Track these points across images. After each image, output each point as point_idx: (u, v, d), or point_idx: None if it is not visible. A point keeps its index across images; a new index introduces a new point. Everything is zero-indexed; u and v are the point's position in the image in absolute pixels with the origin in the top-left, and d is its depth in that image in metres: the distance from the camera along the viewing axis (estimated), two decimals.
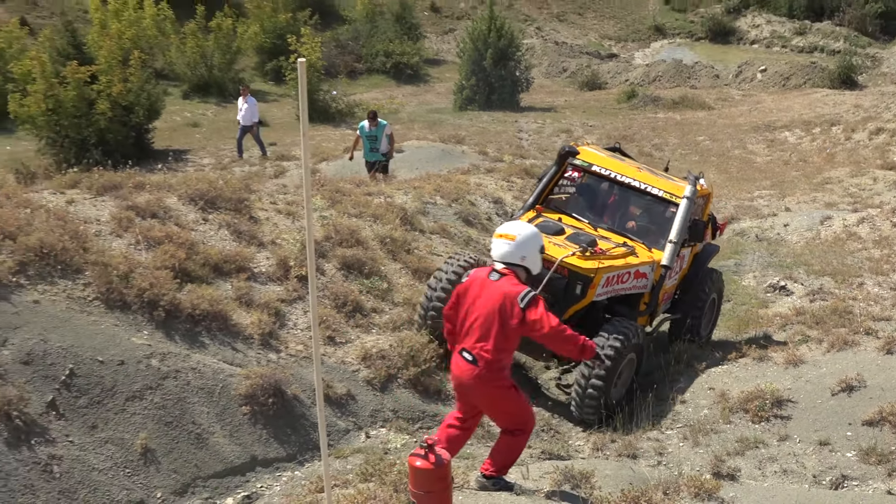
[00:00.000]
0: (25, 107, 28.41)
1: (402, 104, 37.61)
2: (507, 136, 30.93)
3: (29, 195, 14.74)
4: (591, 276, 12.37)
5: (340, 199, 17.48)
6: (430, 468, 6.67)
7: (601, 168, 14.15)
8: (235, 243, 14.56)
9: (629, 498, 8.49)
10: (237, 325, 12.83)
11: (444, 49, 44.83)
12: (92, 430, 10.93)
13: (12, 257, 12.33)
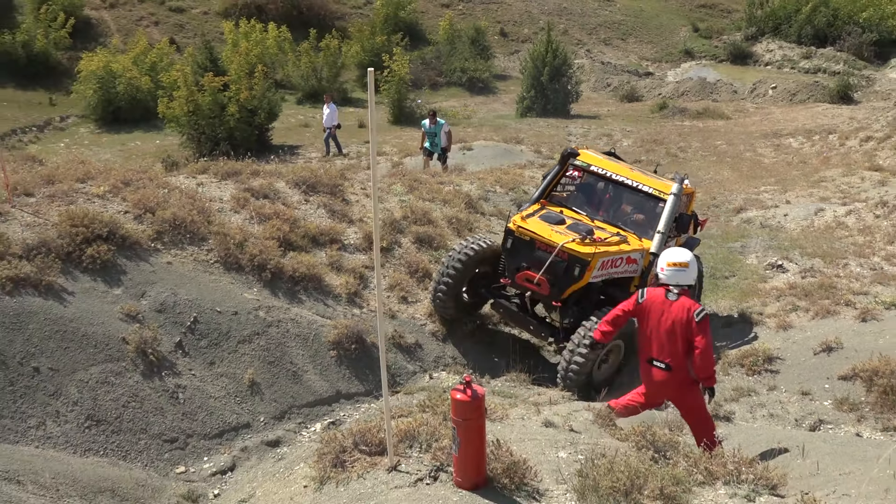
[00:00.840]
0: (171, 109, 28.83)
1: (473, 111, 37.48)
2: (559, 138, 30.69)
3: (168, 179, 14.98)
4: (588, 259, 11.83)
5: (417, 187, 17.50)
6: (468, 400, 6.71)
7: (598, 168, 13.51)
8: (330, 220, 14.67)
9: (638, 432, 8.44)
10: (329, 286, 12.95)
11: (509, 66, 44.49)
12: (210, 366, 11.11)
13: (152, 227, 12.57)
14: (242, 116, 28.65)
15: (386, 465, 7.51)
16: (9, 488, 8.18)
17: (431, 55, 42.34)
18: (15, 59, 35.69)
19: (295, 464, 9.09)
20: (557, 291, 12.02)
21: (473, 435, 6.86)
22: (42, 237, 11.60)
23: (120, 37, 39.23)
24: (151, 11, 41.92)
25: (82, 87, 33.82)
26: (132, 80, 33.28)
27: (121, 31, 39.97)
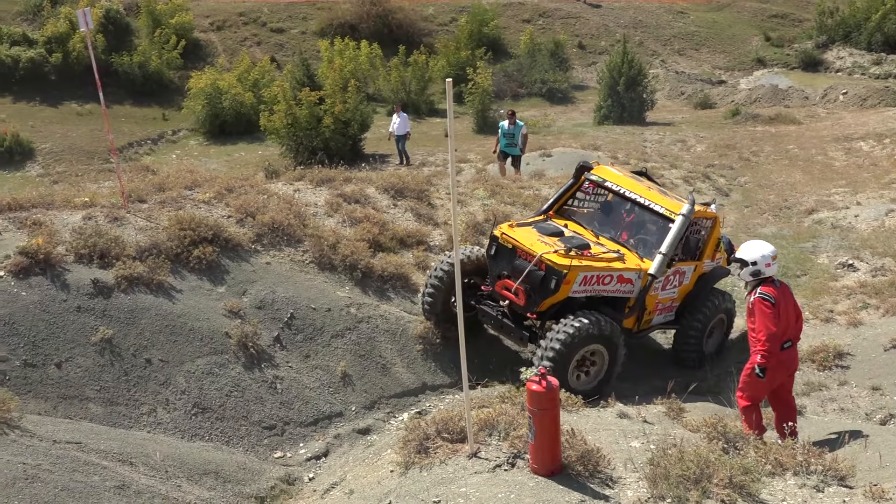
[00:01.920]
0: (272, 122, 29.30)
1: (553, 120, 37.25)
2: (634, 145, 30.28)
3: (267, 186, 15.23)
4: (564, 271, 10.70)
5: (499, 191, 17.47)
6: (543, 391, 6.66)
7: (612, 184, 12.34)
8: (416, 223, 14.74)
9: (709, 423, 8.27)
10: (415, 284, 12.99)
11: (587, 77, 44.08)
12: (305, 359, 11.25)
13: (252, 230, 12.79)
14: (337, 128, 28.94)
15: (466, 451, 7.50)
16: (123, 469, 8.40)
17: (513, 67, 42.17)
18: (132, 79, 36.69)
19: (383, 450, 9.15)
20: (533, 303, 11.01)
21: (549, 424, 6.82)
22: (153, 240, 11.90)
23: (226, 56, 40.02)
24: (254, 33, 42.65)
25: (192, 103, 34.61)
26: (237, 95, 33.91)
27: (227, 52, 40.76)
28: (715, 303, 12.50)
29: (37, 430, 8.59)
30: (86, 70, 35.21)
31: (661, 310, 12.20)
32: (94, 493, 7.58)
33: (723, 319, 12.87)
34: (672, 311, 12.42)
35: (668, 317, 12.47)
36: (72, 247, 11.38)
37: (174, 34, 38.53)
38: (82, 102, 35.13)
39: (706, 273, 12.61)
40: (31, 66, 35.89)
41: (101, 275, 11.12)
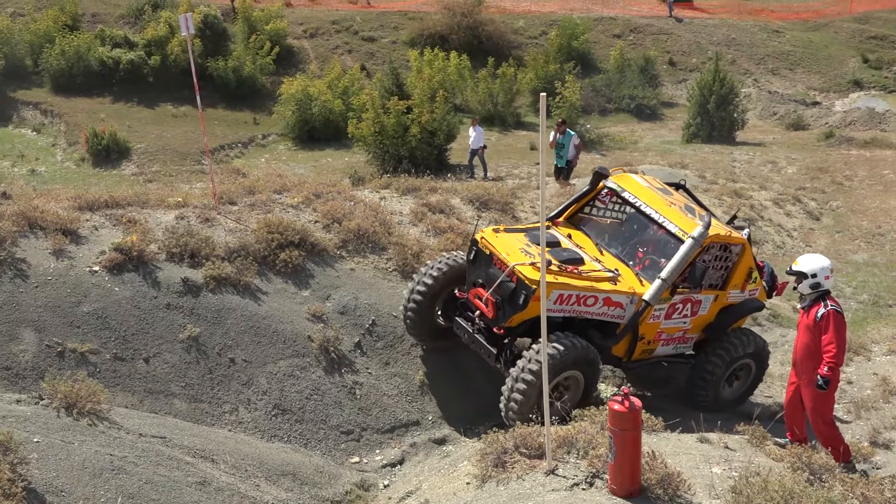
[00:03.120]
0: (360, 129, 29.61)
1: (640, 136, 36.90)
2: (723, 164, 29.77)
3: (354, 192, 15.39)
4: (532, 287, 9.71)
5: None
6: (625, 411, 6.59)
7: (630, 194, 11.25)
8: None
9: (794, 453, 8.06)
10: None
11: (676, 94, 43.54)
12: (385, 366, 11.32)
13: (338, 236, 12.93)
14: (423, 137, 29.10)
15: (544, 468, 7.44)
16: (205, 465, 8.56)
17: (601, 83, 41.90)
18: (226, 83, 37.51)
19: (459, 461, 9.13)
20: (502, 317, 10.10)
21: (629, 445, 6.73)
22: (242, 241, 12.12)
23: (317, 63, 40.64)
24: (346, 41, 43.22)
25: (283, 108, 35.21)
26: (326, 102, 34.37)
27: (318, 59, 41.39)
28: (740, 343, 11.20)
29: (124, 423, 8.81)
30: (182, 73, 36.17)
31: (668, 340, 11.06)
32: (176, 487, 7.74)
33: (750, 366, 11.47)
34: (687, 342, 11.30)
35: (681, 348, 11.35)
36: (164, 245, 11.66)
37: (268, 40, 39.25)
38: (177, 104, 36.03)
39: (731, 305, 11.32)
40: (130, 67, 36.97)
41: (190, 274, 11.37)
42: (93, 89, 36.12)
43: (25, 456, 6.96)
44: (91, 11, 40.83)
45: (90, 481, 7.17)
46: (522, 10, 48.15)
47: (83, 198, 13.00)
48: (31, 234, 11.41)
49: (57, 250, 11.17)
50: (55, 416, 8.05)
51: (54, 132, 33.28)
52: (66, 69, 35.93)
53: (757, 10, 51.80)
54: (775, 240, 20.13)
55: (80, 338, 10.36)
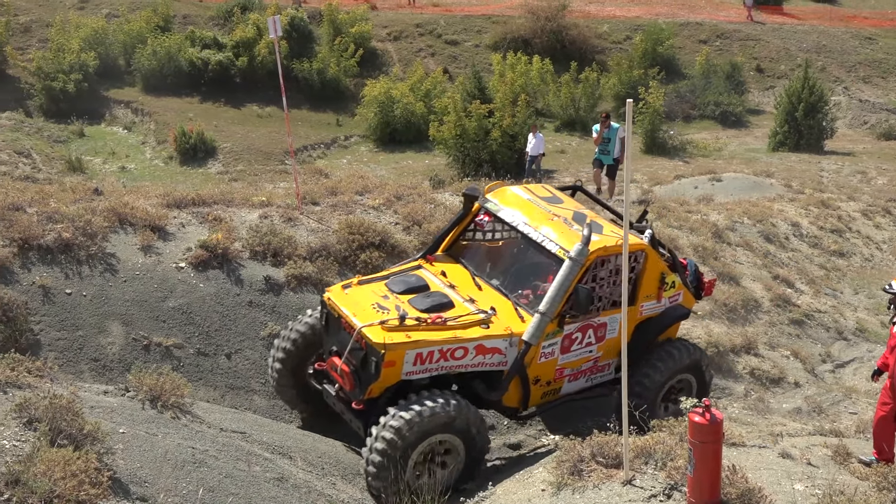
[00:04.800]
0: (441, 132, 29.78)
1: (725, 143, 36.27)
2: (810, 174, 29.09)
3: (434, 195, 15.44)
4: (380, 350, 8.51)
5: (665, 214, 17.13)
6: (706, 424, 6.48)
7: (507, 212, 9.94)
8: None
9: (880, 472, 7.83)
10: None
11: (763, 102, 42.64)
12: None
13: (418, 238, 13.00)
14: (504, 141, 29.09)
15: (621, 478, 7.36)
16: (282, 462, 8.68)
17: (686, 88, 41.27)
18: (311, 84, 38.02)
19: (534, 468, 9.09)
20: (359, 388, 8.85)
21: (710, 458, 6.62)
22: (324, 241, 12.27)
23: (400, 66, 40.91)
24: (429, 44, 43.43)
25: (365, 110, 35.55)
26: (408, 105, 34.57)
27: (401, 61, 41.67)
28: (669, 357, 10.00)
29: (206, 417, 8.98)
30: (268, 74, 36.79)
31: (575, 375, 9.84)
32: (254, 482, 7.86)
33: (689, 382, 10.32)
34: (603, 371, 10.12)
35: (598, 378, 10.13)
36: (248, 243, 11.87)
37: (353, 43, 39.67)
38: (263, 105, 36.65)
39: (650, 319, 10.07)
40: (218, 68, 37.73)
41: (272, 272, 11.55)
42: (182, 89, 36.97)
43: (112, 446, 7.15)
44: (182, 13, 41.79)
45: (172, 473, 7.33)
46: (607, 14, 47.74)
47: (171, 195, 13.32)
48: (120, 229, 11.72)
49: (145, 246, 11.46)
50: (140, 408, 8.25)
51: (144, 130, 34.15)
52: (157, 69, 36.83)
53: (849, 16, 50.48)
54: (864, 252, 19.56)
55: (166, 332, 10.61)
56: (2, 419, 6.89)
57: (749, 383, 12.34)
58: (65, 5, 40.69)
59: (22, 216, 11.24)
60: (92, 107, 35.32)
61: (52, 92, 34.71)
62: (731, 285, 14.93)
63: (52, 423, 6.84)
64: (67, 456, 6.54)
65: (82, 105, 34.94)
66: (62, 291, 10.61)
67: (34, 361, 8.41)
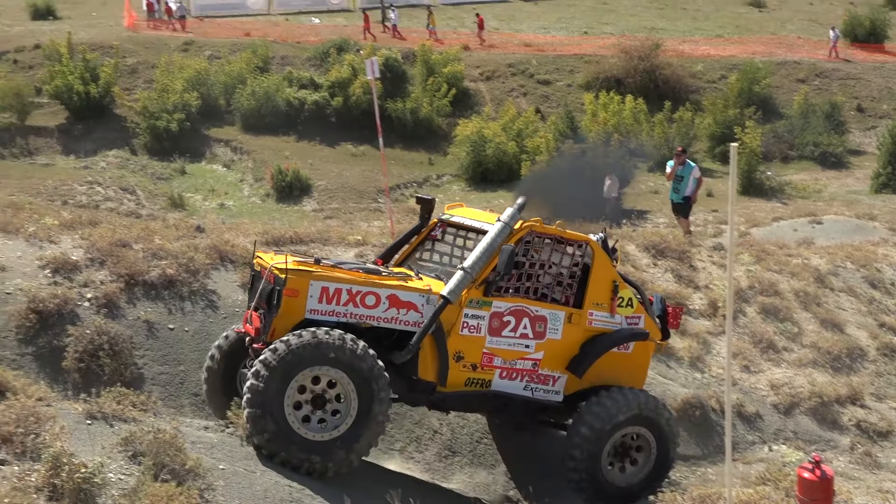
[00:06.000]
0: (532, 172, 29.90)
1: (824, 185, 35.43)
2: None
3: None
4: (282, 276, 8.21)
5: (764, 258, 16.69)
6: (816, 480, 6.24)
7: (464, 220, 9.59)
8: (676, 284, 14.36)
9: None
10: (671, 348, 12.61)
11: (864, 142, 41.55)
12: None
13: None
14: None
15: None
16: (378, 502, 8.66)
17: (784, 128, 40.52)
18: (404, 123, 38.58)
19: None
20: (264, 329, 8.45)
21: None
22: None
23: (492, 106, 41.19)
24: (521, 84, 43.65)
25: (457, 149, 35.89)
26: (500, 144, 34.77)
27: (493, 101, 41.94)
28: (613, 403, 8.98)
29: None
30: (362, 113, 37.43)
31: (510, 371, 9.02)
32: None
33: (646, 439, 9.24)
34: (546, 383, 9.20)
35: (542, 392, 9.20)
36: None
37: (445, 82, 40.13)
38: (357, 144, 37.29)
39: (602, 334, 9.22)
40: (314, 108, 38.64)
41: None
42: (279, 128, 37.91)
43: (212, 482, 7.25)
44: (281, 54, 42.90)
45: None
46: (701, 53, 47.27)
47: (269, 233, 13.58)
48: (221, 266, 11.97)
49: (245, 283, 11.66)
50: (239, 444, 8.35)
51: (242, 168, 35.07)
52: (256, 109, 37.87)
53: None
54: None
55: None
56: (108, 452, 7.05)
57: (855, 436, 11.89)
58: (169, 47, 42.18)
59: (128, 252, 11.57)
60: (193, 145, 36.48)
61: (156, 131, 35.98)
62: (835, 332, 14.44)
63: (156, 457, 6.98)
64: (170, 491, 6.66)
65: (184, 143, 36.14)
66: (165, 326, 10.86)
67: (138, 395, 8.60)
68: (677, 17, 55.51)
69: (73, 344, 10.01)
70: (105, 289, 10.81)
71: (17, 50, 42.05)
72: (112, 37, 42.30)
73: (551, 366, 9.18)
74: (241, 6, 52.11)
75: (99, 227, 12.48)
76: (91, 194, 30.77)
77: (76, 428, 7.34)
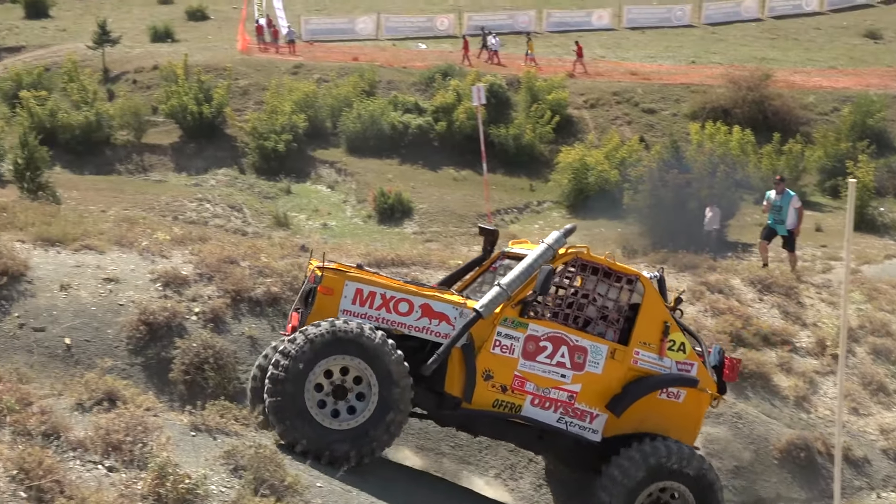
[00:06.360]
0: (636, 201, 29.61)
1: None
2: None
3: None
4: (318, 274, 8.42)
5: (876, 296, 16.13)
6: None
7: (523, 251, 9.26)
8: (782, 321, 14.00)
9: None
10: (776, 386, 12.33)
11: None
12: None
13: None
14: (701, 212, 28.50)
15: None
16: None
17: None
18: (506, 149, 38.59)
19: None
20: (300, 327, 8.51)
21: None
22: None
23: (596, 133, 40.92)
24: (626, 112, 43.28)
25: (559, 176, 35.75)
26: (602, 172, 34.51)
27: (597, 129, 41.67)
28: (659, 450, 8.51)
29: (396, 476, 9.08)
30: (465, 138, 37.65)
31: (543, 400, 8.65)
32: None
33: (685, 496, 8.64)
34: (582, 418, 8.76)
35: (576, 426, 8.78)
36: None
37: (549, 109, 40.06)
38: (459, 168, 37.52)
39: (647, 376, 8.76)
40: (418, 132, 39.06)
41: None
42: (382, 151, 38.40)
43: (310, 500, 7.33)
44: (387, 79, 43.52)
45: None
46: (813, 84, 46.08)
47: (372, 254, 13.75)
48: None
49: None
50: None
51: (346, 189, 35.63)
52: (361, 131, 38.45)
53: None
54: None
55: None
56: (211, 464, 7.20)
57: None
58: (280, 70, 43.26)
59: (235, 269, 11.85)
60: (299, 166, 37.26)
61: (264, 151, 36.89)
62: None
63: (257, 472, 7.08)
64: None
65: (290, 164, 36.95)
66: (268, 343, 11.04)
67: (241, 409, 8.77)
68: (789, 48, 54.32)
69: (179, 356, 10.30)
70: (212, 304, 11.09)
71: (137, 71, 43.76)
72: (226, 59, 43.60)
73: (589, 401, 8.79)
74: (351, 31, 53.15)
75: (208, 244, 12.82)
76: (200, 211, 31.70)
77: (181, 439, 7.52)
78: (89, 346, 10.31)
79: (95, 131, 37.87)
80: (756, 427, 11.44)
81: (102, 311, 10.67)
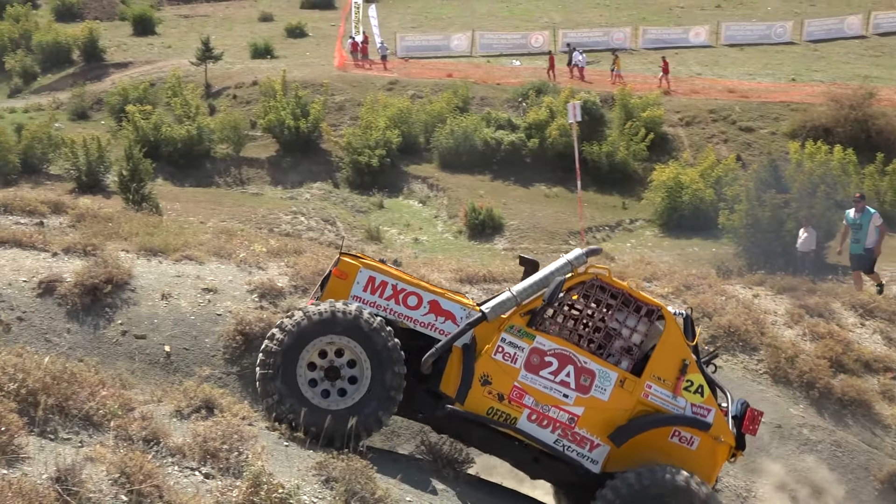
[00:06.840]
0: (731, 221, 29.00)
1: None
2: None
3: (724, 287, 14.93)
4: (336, 257, 8.72)
5: None
6: None
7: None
8: (885, 347, 13.54)
9: None
10: (878, 415, 11.94)
11: None
12: None
13: (707, 331, 12.58)
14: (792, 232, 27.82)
15: None
16: None
17: None
18: (598, 167, 38.28)
19: None
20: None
21: None
22: None
23: (691, 151, 40.28)
24: (722, 130, 42.51)
25: (652, 194, 35.29)
26: (697, 191, 33.94)
27: (692, 147, 41.02)
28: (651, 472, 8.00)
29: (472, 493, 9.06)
30: (557, 155, 37.55)
31: (542, 417, 8.37)
32: None
33: None
34: (581, 445, 8.43)
35: (574, 451, 8.43)
36: None
37: (643, 127, 39.62)
38: (550, 185, 37.39)
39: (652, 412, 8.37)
40: (510, 148, 39.06)
41: None
42: (474, 167, 38.53)
43: None
44: (480, 95, 43.69)
45: None
46: None
47: (463, 270, 13.80)
48: None
49: None
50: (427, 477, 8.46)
51: (437, 205, 35.85)
52: (454, 147, 38.66)
53: None
54: None
55: None
56: (303, 475, 7.30)
57: None
58: (375, 86, 43.85)
59: None
60: (392, 180, 37.66)
61: (358, 165, 37.41)
62: None
63: (348, 484, 7.15)
64: None
65: (383, 179, 37.38)
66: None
67: None
68: (894, 66, 52.64)
69: None
70: None
71: (237, 86, 44.92)
72: (323, 75, 44.39)
73: (591, 428, 8.45)
74: (445, 48, 53.55)
75: (303, 256, 13.06)
76: (295, 224, 32.29)
77: (274, 448, 7.65)
78: (188, 354, 10.59)
79: (197, 145, 38.98)
80: (857, 457, 11.07)
81: (201, 320, 10.95)
